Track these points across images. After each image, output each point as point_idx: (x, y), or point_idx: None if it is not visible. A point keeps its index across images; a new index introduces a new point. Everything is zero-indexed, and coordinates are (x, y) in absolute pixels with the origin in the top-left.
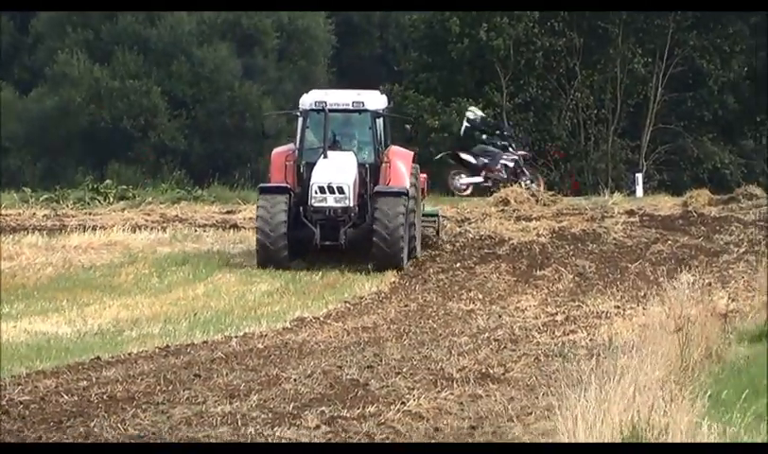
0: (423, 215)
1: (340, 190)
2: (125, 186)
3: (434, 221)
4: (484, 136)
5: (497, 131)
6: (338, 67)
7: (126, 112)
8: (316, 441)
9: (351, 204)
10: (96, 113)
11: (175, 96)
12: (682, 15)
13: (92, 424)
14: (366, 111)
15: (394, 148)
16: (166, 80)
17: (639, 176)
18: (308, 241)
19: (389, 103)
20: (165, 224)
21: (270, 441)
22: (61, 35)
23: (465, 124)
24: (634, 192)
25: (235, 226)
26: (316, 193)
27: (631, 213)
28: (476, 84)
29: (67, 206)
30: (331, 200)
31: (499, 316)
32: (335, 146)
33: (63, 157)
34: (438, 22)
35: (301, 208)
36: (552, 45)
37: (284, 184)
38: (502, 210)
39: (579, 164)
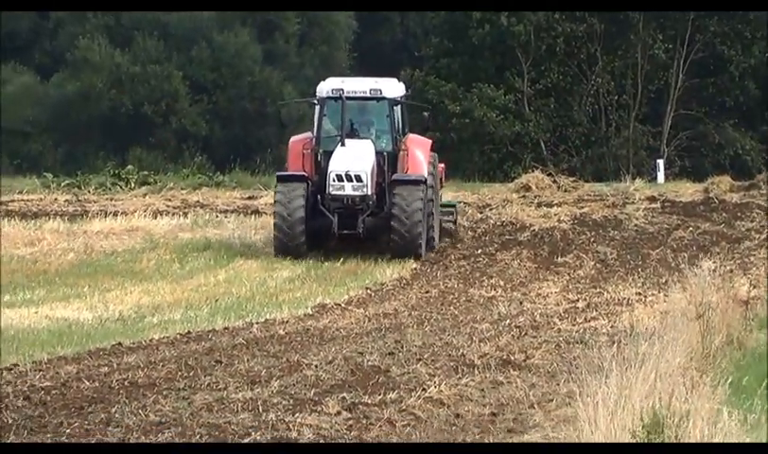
0: (441, 206)
1: (358, 178)
2: (146, 172)
3: (452, 213)
4: None
5: None
6: (358, 53)
7: (147, 97)
8: (337, 427)
9: (369, 192)
10: (116, 99)
11: (196, 81)
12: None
13: (113, 410)
14: (384, 98)
15: (412, 137)
16: (187, 66)
17: (661, 162)
18: (326, 230)
19: (407, 91)
20: (186, 210)
21: (291, 427)
22: (81, 20)
23: None
24: (655, 178)
25: (256, 212)
26: (334, 181)
27: (652, 199)
28: (496, 70)
29: (89, 192)
30: (349, 189)
31: (521, 302)
32: (352, 134)
33: (85, 142)
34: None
35: (318, 197)
36: (573, 31)
37: (301, 173)
38: (523, 196)
39: (600, 150)
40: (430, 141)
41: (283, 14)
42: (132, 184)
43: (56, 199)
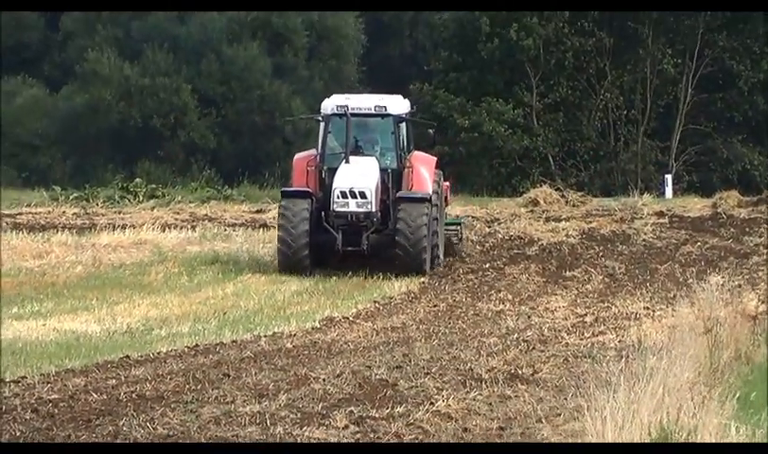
0: (446, 224)
1: (363, 195)
2: (154, 185)
3: (458, 231)
4: None
5: None
6: (368, 66)
7: (156, 110)
8: (345, 441)
9: (373, 209)
10: (125, 112)
11: (205, 94)
12: (712, 16)
13: (121, 422)
14: (388, 115)
15: (417, 154)
16: (196, 78)
17: (669, 177)
18: (330, 247)
19: (412, 108)
20: (194, 223)
21: (298, 440)
22: (91, 33)
23: None
24: (663, 193)
25: (264, 225)
26: (338, 198)
27: (660, 214)
28: (506, 84)
29: (97, 205)
30: (353, 205)
31: (528, 317)
32: (357, 151)
33: (93, 155)
34: (468, 21)
35: (323, 213)
36: (582, 45)
37: (306, 189)
38: (531, 211)
39: (609, 164)
40: (435, 158)
41: (292, 27)
42: (141, 198)
43: (64, 211)
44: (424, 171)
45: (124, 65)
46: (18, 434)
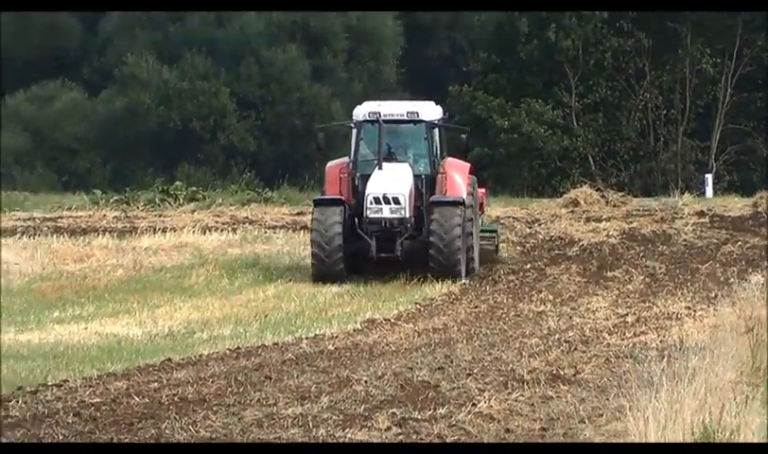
0: (481, 231)
1: (396, 201)
2: (195, 188)
3: (493, 238)
4: None
5: None
6: (406, 68)
7: (195, 113)
8: (387, 442)
9: (407, 215)
10: (164, 115)
11: (244, 97)
12: (750, 15)
13: (163, 425)
14: (421, 121)
15: (451, 160)
16: (235, 82)
17: (709, 177)
18: (364, 254)
19: (446, 113)
20: (235, 226)
21: (341, 442)
22: (130, 37)
23: None
24: (703, 193)
25: (305, 228)
26: (371, 204)
27: (701, 214)
28: (545, 85)
29: (137, 208)
30: (387, 211)
31: (570, 317)
32: (390, 157)
33: (133, 159)
34: (507, 22)
35: (356, 220)
36: (621, 46)
37: (338, 197)
38: (572, 211)
39: (648, 164)
40: (469, 164)
41: (331, 30)
42: (181, 201)
43: (104, 215)
44: (457, 177)
45: (163, 69)
46: (60, 438)
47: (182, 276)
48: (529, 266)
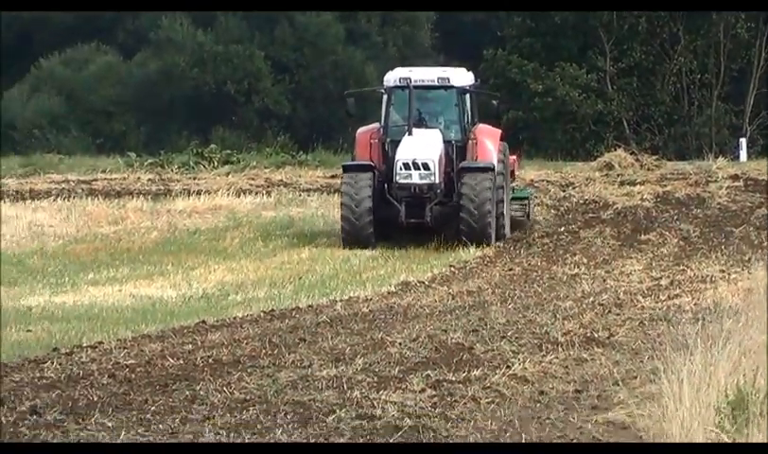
0: (513, 198)
1: (426, 166)
2: (229, 151)
3: (525, 205)
4: None
5: None
6: (441, 32)
7: (229, 76)
8: (421, 404)
9: (437, 181)
10: (199, 78)
11: (278, 60)
12: None
13: (197, 387)
14: (452, 87)
15: (482, 127)
16: (270, 45)
17: (743, 141)
18: (394, 219)
19: (476, 80)
20: (269, 189)
21: (375, 404)
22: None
23: None
24: (738, 157)
25: (339, 191)
26: (401, 169)
27: (735, 177)
28: (579, 49)
29: (172, 171)
30: (416, 177)
31: (604, 280)
32: (420, 123)
33: (167, 121)
34: None
35: (386, 186)
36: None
37: (368, 162)
38: (606, 175)
39: (682, 129)
40: (500, 131)
41: None
42: (215, 163)
43: (139, 178)
44: (488, 143)
45: (197, 32)
46: (96, 399)
47: (216, 239)
48: (563, 229)
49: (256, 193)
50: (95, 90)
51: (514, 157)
